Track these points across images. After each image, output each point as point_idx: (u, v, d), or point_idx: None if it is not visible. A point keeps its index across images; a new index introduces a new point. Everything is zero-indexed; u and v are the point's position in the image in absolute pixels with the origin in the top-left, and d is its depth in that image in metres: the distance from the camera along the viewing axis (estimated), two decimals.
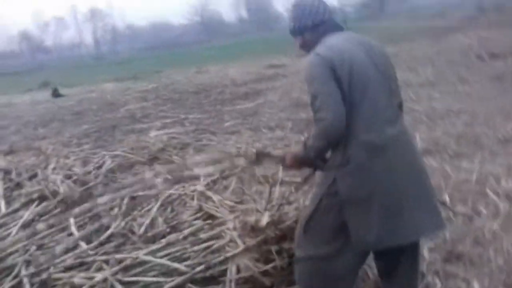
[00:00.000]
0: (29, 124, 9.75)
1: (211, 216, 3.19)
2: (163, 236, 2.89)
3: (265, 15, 61.72)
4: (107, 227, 2.97)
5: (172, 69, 19.58)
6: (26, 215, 2.89)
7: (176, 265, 2.44)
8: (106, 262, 2.47)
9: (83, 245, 2.66)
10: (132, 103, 11.04)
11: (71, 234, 2.78)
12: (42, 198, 3.18)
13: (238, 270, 2.51)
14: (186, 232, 2.78)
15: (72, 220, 2.88)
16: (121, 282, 2.37)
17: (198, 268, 2.44)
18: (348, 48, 1.97)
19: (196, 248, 2.67)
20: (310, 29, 2.08)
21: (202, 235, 2.78)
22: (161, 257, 2.57)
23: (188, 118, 8.14)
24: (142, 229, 2.86)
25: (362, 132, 1.92)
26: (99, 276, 2.33)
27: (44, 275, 2.33)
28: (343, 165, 1.96)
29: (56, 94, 14.48)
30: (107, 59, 44.05)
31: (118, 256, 2.49)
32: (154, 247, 2.65)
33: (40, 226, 2.81)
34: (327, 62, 1.90)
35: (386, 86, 2.01)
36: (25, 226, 2.80)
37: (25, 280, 2.24)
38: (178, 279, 2.40)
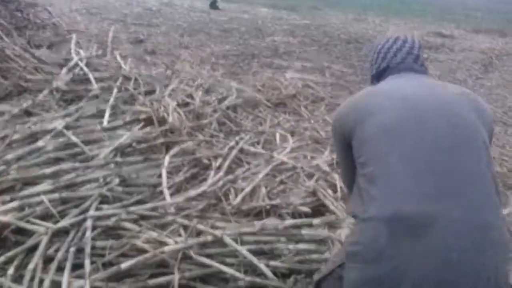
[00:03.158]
0: (178, 29, 9.80)
1: (323, 206, 2.58)
2: (260, 213, 2.37)
3: None
4: (203, 179, 2.53)
5: (331, 9, 18.48)
6: (124, 138, 2.53)
7: (263, 267, 1.91)
8: (185, 228, 2.03)
9: (167, 196, 2.23)
10: (279, 34, 10.54)
11: (160, 176, 2.38)
12: (147, 122, 2.81)
13: None
14: (287, 223, 2.19)
15: (167, 160, 2.46)
16: (191, 260, 1.92)
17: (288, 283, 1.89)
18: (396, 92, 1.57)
19: (291, 246, 2.10)
20: (376, 78, 1.76)
21: (305, 232, 2.19)
22: (250, 243, 2.06)
23: (330, 68, 7.42)
24: (239, 199, 2.34)
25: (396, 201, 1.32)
26: (170, 247, 1.89)
27: (111, 221, 1.95)
28: (351, 244, 1.39)
29: (213, 6, 14.51)
30: None
31: (200, 226, 2.02)
32: (245, 228, 2.13)
33: (131, 157, 2.44)
34: (340, 121, 1.63)
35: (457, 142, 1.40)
36: (118, 150, 2.46)
37: (89, 222, 1.88)
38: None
